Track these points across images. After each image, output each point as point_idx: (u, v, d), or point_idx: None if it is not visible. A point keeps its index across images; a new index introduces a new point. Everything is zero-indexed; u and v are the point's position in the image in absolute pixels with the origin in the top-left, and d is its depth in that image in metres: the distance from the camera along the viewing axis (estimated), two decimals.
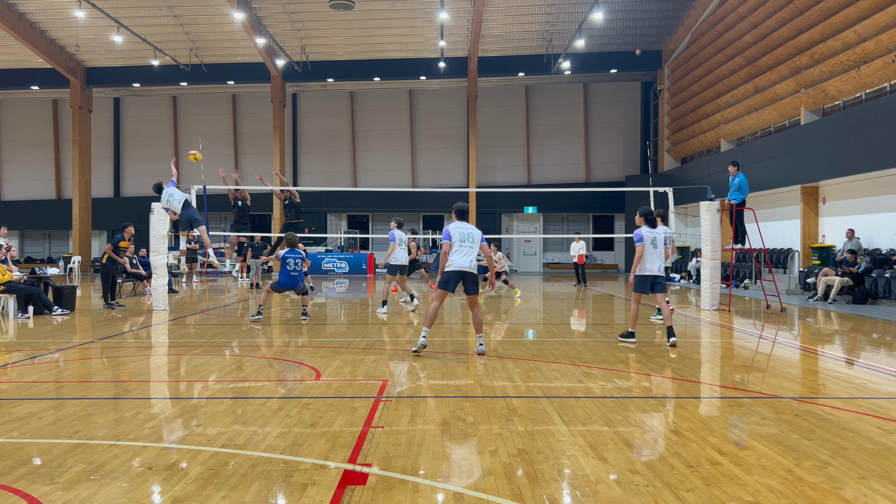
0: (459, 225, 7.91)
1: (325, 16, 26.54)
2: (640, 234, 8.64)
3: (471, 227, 7.91)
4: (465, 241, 7.78)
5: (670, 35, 29.48)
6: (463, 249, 7.75)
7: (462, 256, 7.72)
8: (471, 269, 7.74)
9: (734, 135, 24.48)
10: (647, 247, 8.62)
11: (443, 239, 7.89)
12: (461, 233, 7.81)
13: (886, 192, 16.53)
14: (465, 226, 7.91)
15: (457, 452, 4.34)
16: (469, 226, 7.94)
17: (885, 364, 7.72)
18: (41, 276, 14.25)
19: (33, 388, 6.24)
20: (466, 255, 7.73)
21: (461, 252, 7.74)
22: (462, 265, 7.70)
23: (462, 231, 7.83)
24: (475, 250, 7.81)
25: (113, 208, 35.05)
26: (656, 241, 8.69)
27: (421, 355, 7.88)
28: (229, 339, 9.56)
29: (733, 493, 3.65)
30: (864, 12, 16.86)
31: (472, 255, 7.77)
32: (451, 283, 7.80)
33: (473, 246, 7.79)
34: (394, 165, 35.15)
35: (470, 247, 7.77)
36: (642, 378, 6.81)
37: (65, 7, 25.37)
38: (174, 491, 3.66)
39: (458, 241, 7.77)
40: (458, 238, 7.79)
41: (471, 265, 7.74)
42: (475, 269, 7.78)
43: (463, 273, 7.75)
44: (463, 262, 7.71)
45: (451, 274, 7.74)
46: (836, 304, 15.04)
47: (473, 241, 7.80)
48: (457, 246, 7.77)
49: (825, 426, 4.95)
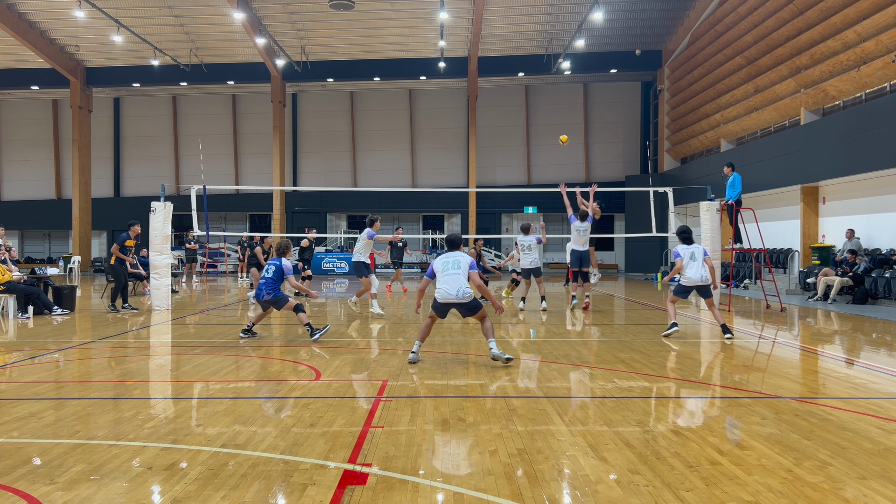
0: (446, 255, 7.69)
1: (325, 16, 26.54)
2: (677, 251, 9.86)
3: (459, 255, 7.63)
4: (449, 268, 7.48)
5: (670, 35, 29.48)
6: (447, 277, 7.45)
7: (447, 284, 7.42)
8: (458, 298, 7.35)
9: (734, 135, 24.49)
10: (687, 260, 9.67)
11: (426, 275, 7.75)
12: (444, 261, 7.57)
13: (886, 192, 16.53)
14: (451, 255, 7.66)
15: (457, 452, 4.34)
16: (458, 253, 7.67)
17: (885, 364, 7.72)
18: (41, 276, 14.24)
19: (33, 388, 6.24)
20: (452, 284, 7.40)
21: (445, 280, 7.45)
22: (447, 295, 7.39)
23: (447, 259, 7.58)
24: (462, 276, 7.44)
25: (113, 208, 35.06)
26: (695, 255, 9.70)
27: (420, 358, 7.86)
28: (229, 339, 9.56)
29: (733, 493, 3.65)
30: (864, 12, 16.86)
31: (458, 283, 7.41)
32: (438, 311, 7.59)
33: (459, 272, 7.44)
34: (394, 165, 35.15)
35: (454, 273, 7.44)
36: (642, 378, 6.81)
37: (65, 7, 25.37)
38: (174, 491, 3.66)
39: (441, 271, 7.52)
40: (441, 268, 7.54)
41: (458, 294, 7.35)
42: (466, 298, 7.36)
43: (449, 304, 7.46)
44: (449, 290, 7.39)
45: (437, 303, 7.53)
46: (835, 304, 15.04)
47: (459, 266, 7.46)
48: (440, 275, 7.52)
49: (825, 426, 4.95)
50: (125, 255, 13.74)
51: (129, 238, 13.53)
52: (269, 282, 9.41)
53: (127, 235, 13.47)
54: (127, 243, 13.55)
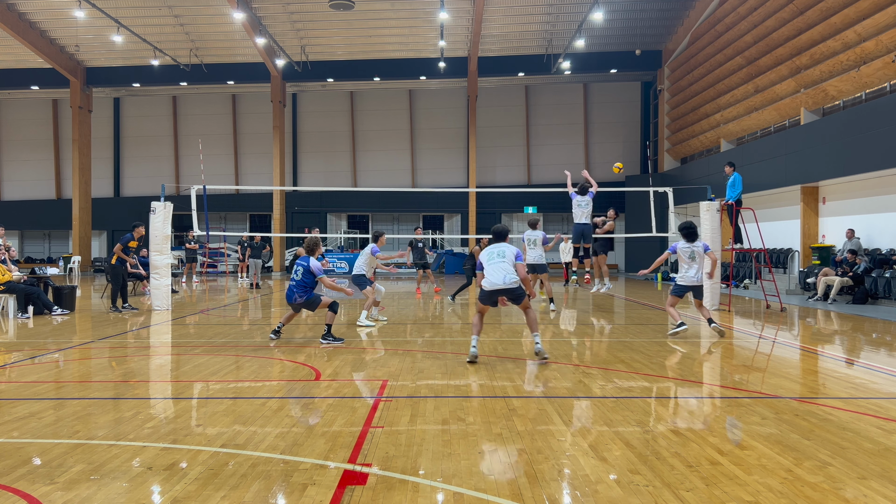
0: (492, 246, 7.85)
1: (325, 16, 26.54)
2: (674, 246, 9.73)
3: (504, 246, 7.79)
4: (495, 258, 7.66)
5: (670, 35, 29.48)
6: (493, 266, 7.62)
7: (493, 274, 7.58)
8: (505, 285, 7.50)
9: (734, 135, 24.48)
10: (687, 260, 9.56)
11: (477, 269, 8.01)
12: (490, 252, 7.75)
13: (886, 192, 16.53)
14: (497, 245, 7.82)
15: (457, 452, 4.34)
16: (504, 244, 7.83)
17: (885, 364, 7.72)
18: (41, 276, 14.24)
19: (33, 388, 6.24)
20: (497, 273, 7.55)
21: (491, 269, 7.62)
22: (494, 283, 7.54)
23: (492, 250, 7.76)
24: (507, 264, 7.59)
25: (113, 208, 35.05)
26: (695, 255, 9.54)
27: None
28: (229, 339, 9.56)
29: (733, 493, 3.65)
30: (864, 12, 16.86)
31: (504, 271, 7.54)
32: (486, 300, 7.72)
33: (505, 260, 7.60)
34: (394, 165, 35.14)
35: (500, 262, 7.60)
36: (642, 378, 6.81)
37: (65, 7, 25.37)
38: (174, 491, 3.66)
39: (487, 261, 7.69)
40: (487, 258, 7.72)
41: (504, 282, 7.50)
42: (513, 284, 7.51)
43: (497, 290, 7.58)
44: (495, 279, 7.53)
45: (485, 292, 7.67)
46: (835, 304, 15.04)
47: (504, 256, 7.63)
48: (486, 265, 7.69)
49: (825, 426, 4.95)
50: (127, 255, 13.74)
51: (133, 239, 13.53)
52: (298, 284, 9.05)
53: (131, 236, 13.45)
54: (130, 244, 13.57)
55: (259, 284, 21.20)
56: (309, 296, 9.09)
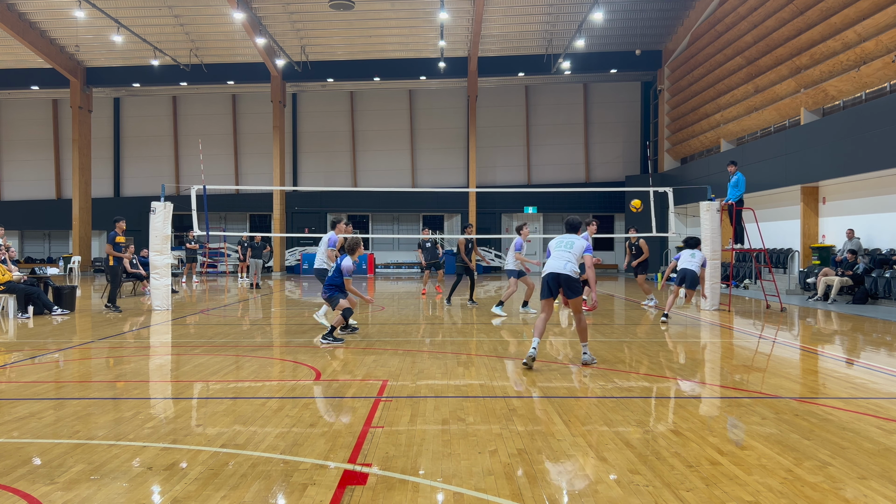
0: (561, 236, 7.73)
1: (325, 16, 26.53)
2: (678, 255, 12.16)
3: (574, 237, 7.65)
4: (561, 247, 7.53)
5: (670, 35, 29.47)
6: (557, 253, 7.51)
7: (554, 260, 7.47)
8: (564, 270, 7.33)
9: (734, 135, 24.48)
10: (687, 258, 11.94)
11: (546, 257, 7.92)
12: (559, 241, 7.64)
13: (886, 192, 16.52)
14: (566, 236, 7.69)
15: (457, 452, 4.34)
16: (573, 236, 7.68)
17: (885, 364, 7.72)
18: (41, 276, 14.23)
19: (33, 388, 6.24)
20: (559, 259, 7.43)
21: (554, 257, 7.51)
22: (553, 267, 7.42)
23: (561, 239, 7.65)
24: (572, 254, 7.43)
25: (113, 208, 34.96)
26: (695, 255, 11.90)
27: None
28: (229, 339, 9.56)
29: (733, 493, 3.65)
30: (864, 12, 16.86)
31: (565, 259, 7.39)
32: (543, 290, 7.54)
33: (571, 251, 7.45)
34: (394, 165, 35.14)
35: (566, 251, 7.47)
36: (642, 378, 6.81)
37: (65, 7, 25.36)
38: (174, 491, 3.66)
39: (554, 248, 7.61)
40: (554, 246, 7.63)
41: (565, 268, 7.35)
42: (571, 272, 7.34)
43: (553, 275, 7.42)
44: (556, 264, 7.41)
45: (542, 280, 7.55)
46: (835, 304, 15.04)
47: (571, 247, 7.50)
48: (552, 252, 7.61)
49: (825, 426, 4.95)
50: (120, 251, 13.87)
51: (118, 234, 13.69)
52: (331, 279, 9.20)
53: (115, 233, 13.66)
54: (117, 240, 13.70)
55: (259, 284, 21.20)
56: (331, 293, 9.17)
